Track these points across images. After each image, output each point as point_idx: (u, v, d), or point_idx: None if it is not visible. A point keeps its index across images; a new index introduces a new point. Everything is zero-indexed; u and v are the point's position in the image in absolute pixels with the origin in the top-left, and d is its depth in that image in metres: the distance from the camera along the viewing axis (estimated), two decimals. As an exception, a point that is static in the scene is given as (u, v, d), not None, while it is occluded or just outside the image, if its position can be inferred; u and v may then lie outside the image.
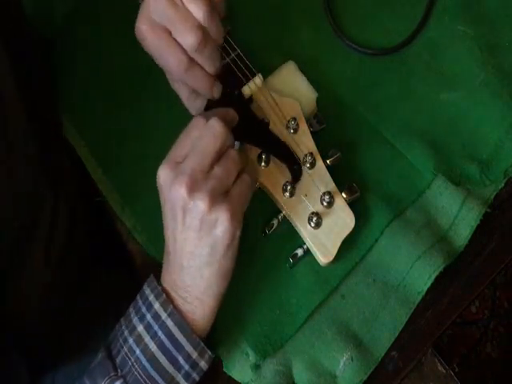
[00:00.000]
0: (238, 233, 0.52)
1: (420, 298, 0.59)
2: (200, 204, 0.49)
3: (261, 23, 0.69)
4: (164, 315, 0.52)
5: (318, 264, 0.59)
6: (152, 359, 0.52)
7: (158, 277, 0.55)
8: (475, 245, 0.61)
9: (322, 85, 0.64)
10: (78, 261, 0.69)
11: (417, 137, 0.64)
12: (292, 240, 0.60)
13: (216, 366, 0.59)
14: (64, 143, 0.68)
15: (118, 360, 0.53)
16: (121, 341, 0.54)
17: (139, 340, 0.53)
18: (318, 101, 0.63)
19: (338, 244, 0.57)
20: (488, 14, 0.68)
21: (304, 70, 0.64)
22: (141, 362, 0.52)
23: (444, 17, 0.68)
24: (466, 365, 1.31)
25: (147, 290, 0.54)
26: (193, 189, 0.49)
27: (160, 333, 0.52)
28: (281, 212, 0.58)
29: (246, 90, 0.60)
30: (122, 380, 0.52)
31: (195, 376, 0.54)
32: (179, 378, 0.53)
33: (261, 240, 0.61)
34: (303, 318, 0.59)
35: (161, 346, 0.52)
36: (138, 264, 0.65)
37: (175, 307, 0.53)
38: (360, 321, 0.59)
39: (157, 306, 0.53)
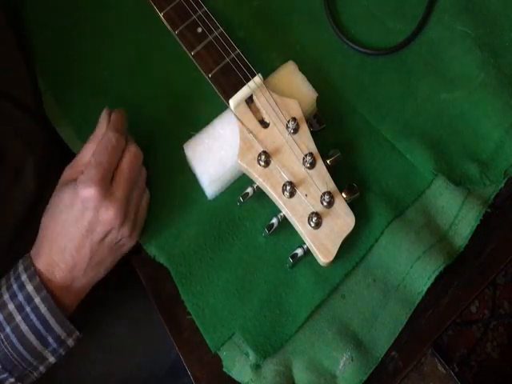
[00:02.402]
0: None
1: (420, 298, 0.59)
2: (125, 231, 0.57)
3: (261, 23, 0.69)
4: (37, 299, 0.55)
5: (318, 264, 0.59)
6: (22, 338, 0.55)
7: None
8: (475, 245, 0.61)
9: (322, 85, 0.64)
10: None
11: (417, 137, 0.64)
12: (292, 240, 0.60)
13: (216, 365, 0.59)
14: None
15: None
16: None
17: (10, 318, 0.55)
18: (317, 101, 0.63)
19: (338, 244, 0.57)
20: (488, 14, 0.68)
21: (304, 70, 0.64)
22: (10, 340, 0.55)
23: (444, 17, 0.68)
24: (466, 365, 1.31)
25: (20, 267, 0.56)
26: (104, 195, 0.54)
27: (32, 316, 0.54)
28: (281, 212, 0.58)
29: (246, 90, 0.60)
30: None
31: (61, 351, 0.58)
32: (46, 352, 0.57)
33: (261, 240, 0.62)
34: (303, 318, 0.59)
35: (32, 327, 0.55)
36: (139, 265, 0.65)
37: (48, 287, 0.55)
38: (360, 321, 0.59)
39: (30, 288, 0.55)
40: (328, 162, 0.59)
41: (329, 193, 0.57)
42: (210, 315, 0.60)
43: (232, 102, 0.60)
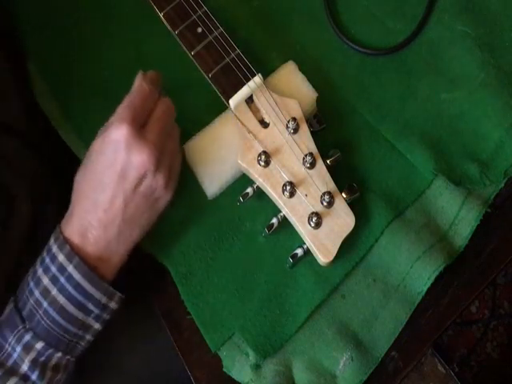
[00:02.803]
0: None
1: (420, 298, 0.59)
2: (159, 179, 0.53)
3: (261, 23, 0.69)
4: (70, 267, 0.52)
5: (318, 264, 0.59)
6: (61, 310, 0.52)
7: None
8: (475, 245, 0.61)
9: (322, 85, 0.64)
10: None
11: (417, 137, 0.64)
12: (292, 240, 0.60)
13: (216, 365, 0.59)
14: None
15: (24, 312, 0.53)
16: (27, 293, 0.53)
17: (46, 293, 0.52)
18: (317, 101, 0.63)
19: (338, 244, 0.57)
20: (488, 13, 0.68)
21: (304, 70, 0.64)
22: (49, 314, 0.52)
23: (444, 17, 0.68)
24: (466, 365, 1.31)
25: (51, 240, 0.54)
26: (157, 163, 0.52)
27: (67, 285, 0.52)
28: (281, 212, 0.58)
29: (246, 90, 0.60)
30: (31, 333, 0.53)
31: (105, 316, 0.55)
32: (89, 320, 0.54)
33: (261, 240, 0.62)
34: (303, 318, 0.59)
35: (69, 297, 0.52)
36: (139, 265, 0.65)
37: (81, 254, 0.52)
38: (360, 321, 0.59)
39: (61, 257, 0.52)
40: (328, 161, 0.59)
41: (329, 193, 0.57)
42: (210, 315, 0.60)
43: (232, 101, 0.60)
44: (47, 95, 0.70)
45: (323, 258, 0.57)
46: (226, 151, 0.61)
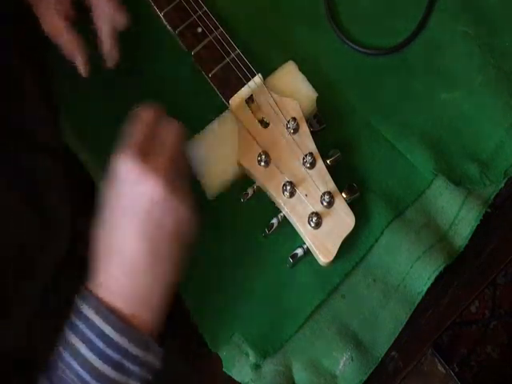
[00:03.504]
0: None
1: (420, 298, 0.59)
2: (170, 203, 0.48)
3: (261, 23, 0.69)
4: (98, 320, 0.47)
5: (318, 264, 0.59)
6: (96, 374, 0.47)
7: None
8: (475, 245, 0.61)
9: (322, 85, 0.64)
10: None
11: (417, 137, 0.64)
12: (292, 240, 0.60)
13: (216, 365, 0.59)
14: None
15: (55, 380, 0.47)
16: (62, 366, 0.47)
17: (75, 353, 0.47)
18: (317, 101, 0.63)
19: (338, 244, 0.57)
20: (488, 14, 0.68)
21: (304, 70, 0.64)
22: (83, 379, 0.46)
23: (444, 17, 0.68)
24: (466, 365, 1.31)
25: (76, 296, 0.49)
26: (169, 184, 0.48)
27: (98, 342, 0.47)
28: (281, 212, 0.58)
29: (246, 90, 0.60)
30: None
31: (147, 375, 0.49)
32: (130, 381, 0.48)
33: (261, 240, 0.62)
34: (303, 318, 0.59)
35: (102, 355, 0.47)
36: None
37: (117, 314, 0.47)
38: (360, 321, 0.59)
39: (86, 310, 0.47)
40: (328, 162, 0.59)
41: (329, 193, 0.57)
42: (210, 315, 0.60)
43: (232, 101, 0.60)
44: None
45: (323, 257, 0.57)
46: (226, 151, 0.61)
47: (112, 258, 0.49)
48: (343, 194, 0.58)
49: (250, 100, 0.61)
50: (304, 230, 0.57)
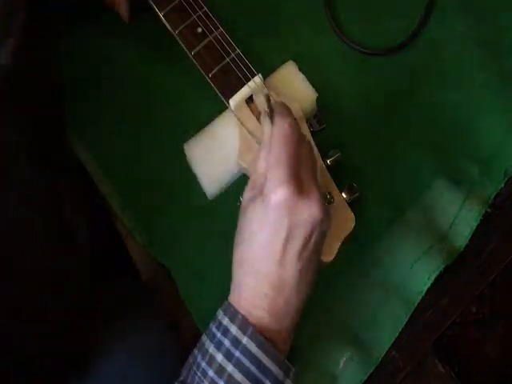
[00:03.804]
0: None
1: (420, 298, 0.59)
2: (325, 221, 0.47)
3: (261, 23, 0.69)
4: (245, 339, 0.47)
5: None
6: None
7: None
8: (475, 245, 0.61)
9: (322, 85, 0.64)
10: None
11: (417, 137, 0.64)
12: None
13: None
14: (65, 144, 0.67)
15: None
16: (199, 374, 0.48)
17: (221, 371, 0.47)
18: (317, 101, 0.63)
19: (338, 244, 0.57)
20: (488, 14, 0.68)
21: (304, 70, 0.64)
22: None
23: (444, 17, 0.68)
24: (466, 365, 1.31)
25: (220, 314, 0.49)
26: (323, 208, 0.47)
27: (243, 359, 0.47)
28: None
29: (246, 90, 0.60)
30: None
31: None
32: None
33: (261, 240, 0.61)
34: (303, 317, 0.59)
35: (246, 373, 0.47)
36: (140, 265, 0.65)
37: (254, 325, 0.47)
38: (360, 321, 0.59)
39: (234, 329, 0.47)
40: (328, 162, 0.59)
41: (329, 193, 0.57)
42: (210, 316, 0.60)
43: (232, 102, 0.60)
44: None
45: (323, 258, 0.57)
46: (226, 151, 0.61)
47: (257, 278, 0.48)
48: (343, 194, 0.58)
49: (250, 100, 0.61)
50: (304, 230, 0.57)
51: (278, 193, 0.45)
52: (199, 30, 0.62)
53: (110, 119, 0.67)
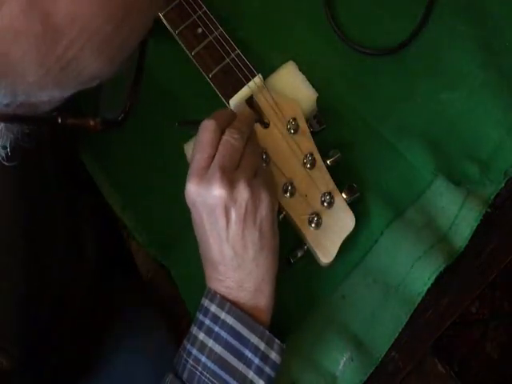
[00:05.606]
0: (276, 202, 0.54)
1: (420, 298, 0.59)
2: (243, 193, 0.50)
3: (261, 23, 0.69)
4: (222, 314, 0.51)
5: (318, 264, 0.59)
6: (219, 360, 0.51)
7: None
8: (475, 245, 0.61)
9: (322, 85, 0.64)
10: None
11: (417, 137, 0.64)
12: (292, 240, 0.60)
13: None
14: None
15: (185, 375, 0.51)
16: (185, 356, 0.52)
17: (203, 347, 0.51)
18: (318, 101, 0.63)
19: (338, 244, 0.57)
20: (488, 13, 0.68)
21: (304, 70, 0.64)
22: (208, 368, 0.51)
23: (444, 17, 0.68)
24: (466, 365, 1.31)
25: (202, 299, 0.53)
26: (231, 184, 0.50)
27: (222, 332, 0.51)
28: (281, 212, 0.58)
29: (246, 90, 0.61)
30: None
31: (268, 371, 0.51)
32: (251, 375, 0.51)
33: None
34: (303, 318, 0.59)
35: (225, 344, 0.51)
36: (139, 264, 0.65)
37: (231, 301, 0.51)
38: (360, 321, 0.59)
39: (213, 308, 0.52)
40: (328, 162, 0.59)
41: (329, 193, 0.57)
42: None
43: (232, 102, 0.60)
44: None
45: (323, 258, 0.57)
46: (226, 151, 0.61)
47: (237, 266, 0.52)
48: (343, 194, 0.58)
49: (250, 100, 0.61)
50: (304, 230, 0.57)
51: (187, 189, 0.52)
52: (199, 30, 0.62)
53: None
